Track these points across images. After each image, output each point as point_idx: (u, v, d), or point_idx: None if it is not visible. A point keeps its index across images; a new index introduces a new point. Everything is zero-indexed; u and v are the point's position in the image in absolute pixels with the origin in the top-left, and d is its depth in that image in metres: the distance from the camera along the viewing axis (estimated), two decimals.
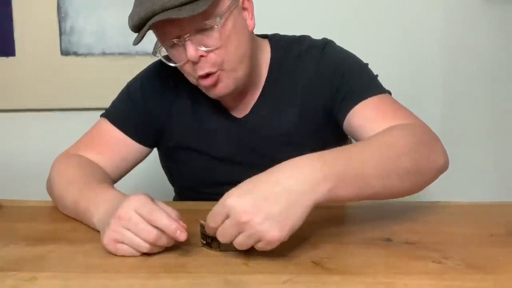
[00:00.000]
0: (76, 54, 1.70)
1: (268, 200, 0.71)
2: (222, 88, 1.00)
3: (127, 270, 0.75)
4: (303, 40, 1.13)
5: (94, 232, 0.92)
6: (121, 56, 1.69)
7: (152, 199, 0.81)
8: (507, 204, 1.09)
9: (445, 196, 1.69)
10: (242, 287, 0.69)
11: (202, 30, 0.95)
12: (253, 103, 1.10)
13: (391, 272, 0.73)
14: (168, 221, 0.76)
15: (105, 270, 0.75)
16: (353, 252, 0.80)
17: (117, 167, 1.11)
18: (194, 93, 1.09)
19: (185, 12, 0.89)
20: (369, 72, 1.09)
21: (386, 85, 1.22)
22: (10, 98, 1.71)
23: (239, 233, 0.72)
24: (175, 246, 0.82)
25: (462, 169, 1.72)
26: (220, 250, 0.80)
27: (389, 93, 1.06)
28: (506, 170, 1.73)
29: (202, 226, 0.82)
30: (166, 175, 1.24)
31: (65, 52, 1.70)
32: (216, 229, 0.75)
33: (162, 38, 0.99)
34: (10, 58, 1.70)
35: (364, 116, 0.99)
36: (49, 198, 1.14)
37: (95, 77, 1.69)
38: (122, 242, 0.78)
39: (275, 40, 1.13)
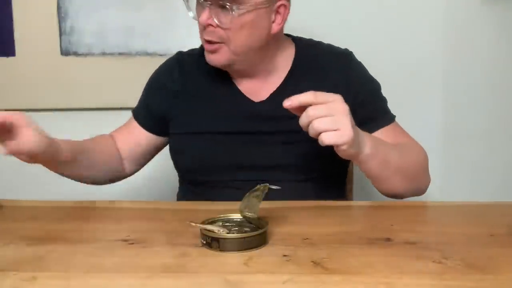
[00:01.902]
0: (76, 54, 1.70)
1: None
2: (215, 59, 1.12)
3: (127, 270, 0.75)
4: (325, 44, 1.24)
5: (94, 232, 0.92)
6: (121, 56, 1.68)
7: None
8: (508, 204, 1.09)
9: (445, 196, 1.69)
10: (242, 287, 0.69)
11: (222, 6, 1.05)
12: (273, 91, 1.17)
13: (391, 272, 0.73)
14: None
15: (105, 270, 0.75)
16: (353, 252, 0.80)
17: (132, 149, 1.24)
18: (207, 81, 1.19)
19: None
20: (382, 94, 1.22)
21: (386, 85, 1.23)
22: (10, 98, 1.71)
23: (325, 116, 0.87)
24: (175, 246, 0.83)
25: (462, 169, 1.72)
26: (220, 250, 0.80)
27: (395, 116, 1.20)
28: (506, 170, 1.72)
29: (202, 228, 0.82)
30: (174, 163, 1.25)
31: (65, 52, 1.70)
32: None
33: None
34: (10, 58, 1.70)
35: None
36: (48, 198, 1.14)
37: (95, 77, 1.69)
38: None
39: (298, 39, 1.23)
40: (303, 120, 0.89)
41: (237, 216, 0.89)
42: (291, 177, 1.13)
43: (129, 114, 1.29)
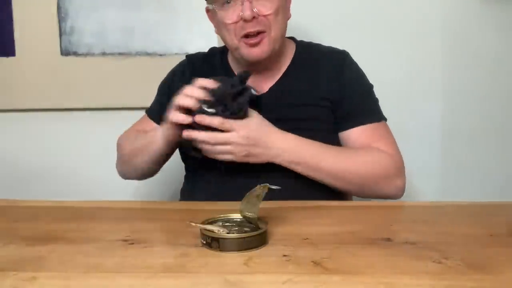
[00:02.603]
0: (76, 54, 1.70)
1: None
2: (260, 51, 1.17)
3: (127, 270, 0.75)
4: (322, 45, 1.31)
5: (94, 232, 0.92)
6: (121, 56, 1.68)
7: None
8: (507, 204, 1.09)
9: (445, 196, 1.70)
10: (242, 287, 0.69)
11: None
12: (273, 83, 1.24)
13: (391, 272, 0.73)
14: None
15: (105, 270, 0.75)
16: (353, 252, 0.80)
17: None
18: (216, 72, 1.23)
19: None
20: (374, 95, 1.26)
21: (386, 85, 1.23)
22: (10, 98, 1.71)
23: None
24: (175, 246, 0.83)
25: (462, 169, 1.72)
26: (220, 250, 0.80)
27: (385, 119, 1.24)
28: (506, 170, 1.72)
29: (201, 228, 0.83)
30: (182, 155, 1.28)
31: (65, 52, 1.70)
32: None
33: None
34: (10, 58, 1.70)
35: (359, 138, 1.20)
36: (48, 198, 1.14)
37: (95, 77, 1.69)
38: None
39: (299, 41, 1.31)
40: (201, 136, 1.06)
41: (237, 216, 0.89)
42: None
43: (129, 114, 1.29)
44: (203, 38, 1.30)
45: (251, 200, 0.86)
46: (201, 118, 1.04)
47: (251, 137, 1.07)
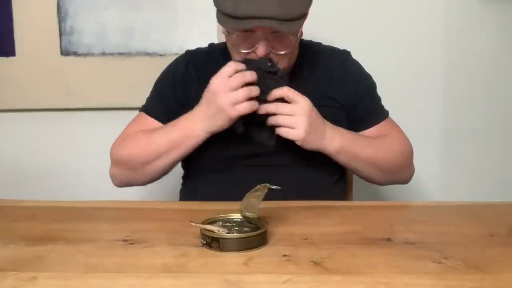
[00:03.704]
0: (76, 54, 1.70)
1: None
2: None
3: (127, 270, 0.75)
4: (323, 44, 1.29)
5: (94, 232, 0.92)
6: (121, 56, 1.68)
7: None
8: (507, 204, 1.09)
9: (445, 196, 1.69)
10: (242, 287, 0.69)
11: (279, 35, 1.08)
12: None
13: (391, 272, 0.73)
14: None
15: (105, 270, 0.75)
16: (353, 252, 0.80)
17: None
18: (219, 69, 1.19)
19: (285, 27, 1.04)
20: (377, 92, 1.29)
21: (386, 85, 1.24)
22: (10, 98, 1.71)
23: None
24: (175, 246, 0.82)
25: (462, 169, 1.72)
26: (220, 250, 0.80)
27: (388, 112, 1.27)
28: (506, 170, 1.72)
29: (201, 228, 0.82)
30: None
31: (65, 52, 1.70)
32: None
33: (240, 28, 1.08)
34: (10, 58, 1.70)
35: (371, 135, 1.22)
36: (48, 198, 1.14)
37: (95, 77, 1.69)
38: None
39: (301, 40, 1.25)
40: (270, 108, 1.04)
41: (237, 216, 0.89)
42: (295, 163, 1.16)
43: (129, 114, 1.28)
44: (203, 38, 1.30)
45: (251, 200, 0.86)
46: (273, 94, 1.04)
47: (313, 117, 1.06)
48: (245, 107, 1.03)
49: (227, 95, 1.03)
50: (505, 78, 1.68)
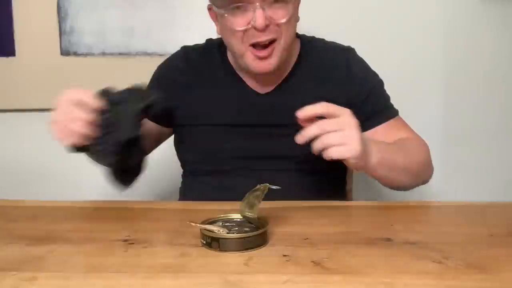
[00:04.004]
0: (76, 54, 1.70)
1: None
2: (270, 64, 1.09)
3: (127, 270, 0.75)
4: (326, 40, 1.26)
5: (94, 232, 0.92)
6: (121, 56, 1.68)
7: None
8: (507, 204, 1.09)
9: (445, 196, 1.69)
10: (242, 287, 0.69)
11: (276, 1, 1.05)
12: (277, 83, 1.19)
13: (391, 272, 0.73)
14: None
15: (105, 270, 0.75)
16: (353, 252, 0.80)
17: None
18: (212, 74, 1.21)
19: None
20: (385, 90, 1.24)
21: (386, 85, 1.23)
22: (10, 98, 1.71)
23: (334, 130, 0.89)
24: (175, 246, 0.82)
25: (462, 169, 1.72)
26: (220, 250, 0.80)
27: (398, 111, 1.23)
28: (506, 170, 1.72)
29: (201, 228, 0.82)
30: (178, 153, 1.27)
31: (65, 52, 1.70)
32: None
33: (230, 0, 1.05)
34: (10, 58, 1.70)
35: (385, 135, 1.15)
36: (48, 198, 1.14)
37: (95, 77, 1.69)
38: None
39: (302, 35, 1.24)
40: (312, 131, 0.89)
41: (237, 216, 0.89)
42: (294, 167, 1.15)
43: None
44: (203, 38, 1.30)
45: (251, 200, 0.86)
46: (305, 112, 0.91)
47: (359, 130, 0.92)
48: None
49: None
50: (505, 78, 1.69)
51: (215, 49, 1.24)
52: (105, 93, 1.00)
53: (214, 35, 1.26)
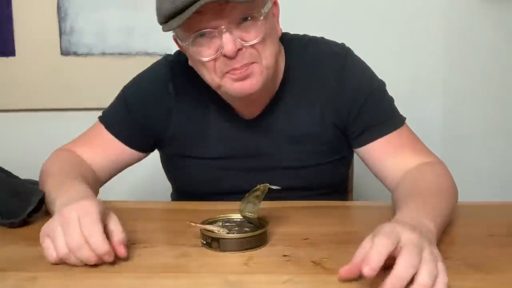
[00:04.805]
0: (76, 54, 1.70)
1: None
2: (251, 84, 0.95)
3: (127, 270, 0.75)
4: (318, 43, 1.10)
5: None
6: (121, 56, 1.69)
7: (104, 211, 0.79)
8: (507, 204, 1.09)
9: None
10: (242, 287, 0.69)
11: (244, 21, 0.91)
12: (264, 106, 1.07)
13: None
14: (101, 242, 0.73)
15: (105, 270, 0.75)
16: (353, 252, 0.80)
17: (108, 167, 1.11)
18: (198, 98, 1.08)
19: None
20: (387, 94, 1.09)
21: (386, 86, 1.23)
22: (10, 98, 1.71)
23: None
24: (175, 246, 0.82)
25: (462, 169, 1.72)
26: (220, 250, 0.80)
27: (404, 119, 1.08)
28: (506, 170, 1.72)
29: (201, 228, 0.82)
30: (166, 175, 1.22)
31: (65, 52, 1.70)
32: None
33: (194, 28, 0.91)
34: (10, 58, 1.70)
35: (384, 151, 1.03)
36: None
37: (95, 77, 1.69)
38: (48, 236, 0.76)
39: (288, 41, 1.09)
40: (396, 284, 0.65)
41: (237, 216, 0.89)
42: (291, 197, 1.06)
43: None
44: None
45: (251, 200, 0.86)
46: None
47: (427, 247, 0.68)
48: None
49: None
50: (505, 78, 1.69)
51: None
52: None
53: None
